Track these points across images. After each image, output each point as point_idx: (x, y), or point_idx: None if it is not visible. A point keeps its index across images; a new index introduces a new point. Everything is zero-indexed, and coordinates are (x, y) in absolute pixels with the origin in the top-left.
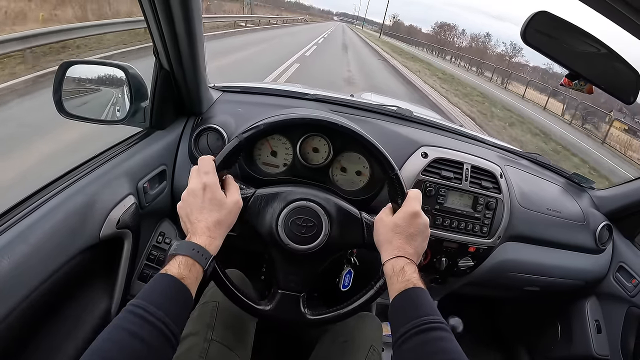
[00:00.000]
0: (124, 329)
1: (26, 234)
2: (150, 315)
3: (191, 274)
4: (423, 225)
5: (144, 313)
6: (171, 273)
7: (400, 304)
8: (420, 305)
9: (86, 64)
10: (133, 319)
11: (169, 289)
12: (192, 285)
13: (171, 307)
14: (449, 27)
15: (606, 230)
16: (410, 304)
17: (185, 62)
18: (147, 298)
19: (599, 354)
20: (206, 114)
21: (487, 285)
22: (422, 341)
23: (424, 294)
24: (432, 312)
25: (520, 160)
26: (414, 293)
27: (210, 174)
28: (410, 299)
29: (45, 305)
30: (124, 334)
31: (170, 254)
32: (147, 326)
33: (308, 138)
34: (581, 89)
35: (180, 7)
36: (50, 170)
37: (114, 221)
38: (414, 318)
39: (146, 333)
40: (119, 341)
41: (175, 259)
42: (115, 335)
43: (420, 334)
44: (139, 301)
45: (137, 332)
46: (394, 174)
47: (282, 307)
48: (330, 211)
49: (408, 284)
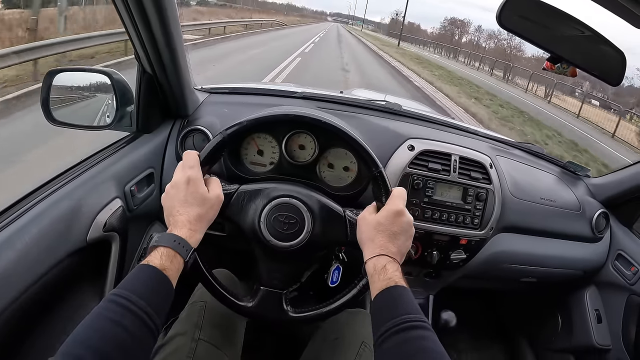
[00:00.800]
0: (105, 317)
1: (13, 240)
2: (133, 305)
3: (172, 266)
4: (407, 224)
5: (127, 302)
6: (153, 264)
7: (381, 303)
8: (401, 303)
9: (71, 71)
10: (115, 308)
11: (151, 279)
12: (173, 276)
13: (153, 298)
14: (461, 23)
15: (603, 218)
16: (391, 303)
17: (166, 65)
18: (130, 288)
19: (600, 344)
20: (192, 116)
21: (483, 277)
22: (402, 340)
23: (406, 292)
24: (413, 310)
25: (513, 150)
26: (395, 291)
27: (194, 168)
28: (390, 298)
29: (34, 309)
30: (105, 322)
31: (151, 245)
32: (129, 315)
33: (294, 135)
34: (564, 72)
35: (155, 10)
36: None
37: (100, 224)
38: (394, 317)
39: (129, 322)
40: (100, 329)
41: (157, 250)
42: (97, 323)
43: (400, 332)
44: (121, 291)
45: (120, 320)
46: (377, 172)
47: (264, 304)
48: (313, 208)
49: (389, 282)
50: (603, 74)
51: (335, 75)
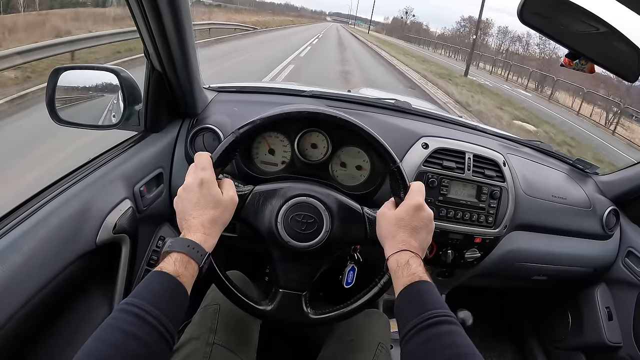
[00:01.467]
0: (118, 328)
1: (19, 243)
2: (147, 314)
3: (187, 272)
4: (427, 219)
5: (140, 312)
6: (166, 270)
7: (406, 299)
8: (427, 298)
9: (78, 69)
10: (128, 318)
11: (165, 287)
12: (188, 283)
13: (168, 306)
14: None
15: (613, 215)
16: (417, 298)
17: (177, 63)
18: (143, 296)
19: (612, 342)
20: (201, 115)
21: (495, 276)
22: (430, 336)
23: (431, 287)
24: (440, 305)
25: (522, 148)
26: (420, 287)
27: (207, 170)
28: (416, 293)
29: (43, 313)
30: (118, 334)
31: (164, 251)
32: (143, 325)
33: (306, 134)
34: (582, 69)
35: (168, 4)
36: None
37: (110, 226)
38: (421, 312)
39: (143, 333)
40: (113, 341)
41: (170, 256)
42: (109, 334)
43: (428, 328)
44: (134, 299)
45: (134, 331)
46: (395, 167)
47: (284, 307)
48: (331, 207)
49: (414, 277)
50: (620, 70)
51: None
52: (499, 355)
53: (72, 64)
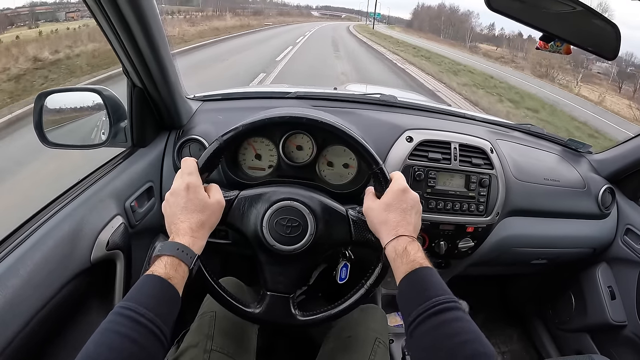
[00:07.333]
0: (113, 331)
1: (17, 267)
2: (141, 317)
3: (177, 274)
4: (414, 200)
5: (134, 314)
6: (157, 274)
7: (409, 287)
8: (430, 285)
9: (61, 92)
10: (123, 321)
11: (157, 289)
12: (179, 285)
13: (160, 308)
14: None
15: (608, 193)
16: (419, 286)
17: (155, 78)
18: (136, 299)
19: (616, 321)
20: (187, 126)
21: (493, 263)
22: (437, 323)
23: (432, 272)
24: (444, 291)
25: (513, 132)
26: (422, 273)
27: (193, 175)
28: (418, 281)
29: (44, 334)
30: (114, 336)
31: (155, 254)
32: (138, 327)
33: (290, 136)
34: (558, 51)
35: (138, 23)
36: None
37: (103, 243)
38: (425, 300)
39: (137, 335)
40: (109, 344)
41: (160, 260)
42: (106, 338)
43: (434, 315)
44: (128, 303)
45: (129, 334)
46: (377, 168)
47: (272, 310)
48: (315, 210)
49: (414, 264)
50: (598, 49)
51: None
52: (504, 341)
53: (55, 87)
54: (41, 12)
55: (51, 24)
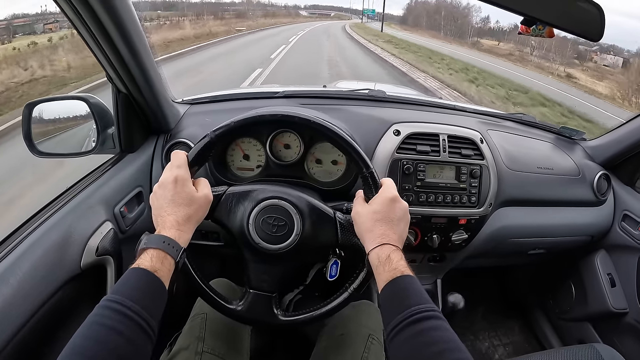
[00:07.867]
0: (100, 324)
1: (6, 276)
2: (127, 309)
3: (164, 267)
4: (403, 211)
5: (121, 307)
6: (144, 266)
7: (389, 295)
8: (410, 294)
9: (48, 101)
10: (109, 314)
11: (143, 282)
12: (165, 277)
13: (147, 301)
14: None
15: (604, 180)
16: (400, 294)
17: (139, 83)
18: (122, 292)
19: (617, 308)
20: (175, 129)
21: (490, 255)
22: (415, 332)
23: (413, 281)
24: (423, 300)
25: (504, 122)
26: (403, 282)
27: (182, 168)
28: (398, 289)
29: (35, 341)
30: (101, 329)
31: (140, 248)
32: (124, 320)
33: (277, 135)
34: (541, 34)
35: (117, 30)
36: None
37: (92, 249)
38: (405, 308)
39: (124, 327)
40: (96, 337)
41: (146, 253)
42: (93, 331)
43: (413, 324)
44: (114, 296)
45: (115, 326)
46: (368, 172)
47: (253, 307)
48: (302, 210)
49: (395, 272)
50: (582, 31)
51: None
52: (506, 332)
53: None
54: (19, 25)
55: (28, 37)
